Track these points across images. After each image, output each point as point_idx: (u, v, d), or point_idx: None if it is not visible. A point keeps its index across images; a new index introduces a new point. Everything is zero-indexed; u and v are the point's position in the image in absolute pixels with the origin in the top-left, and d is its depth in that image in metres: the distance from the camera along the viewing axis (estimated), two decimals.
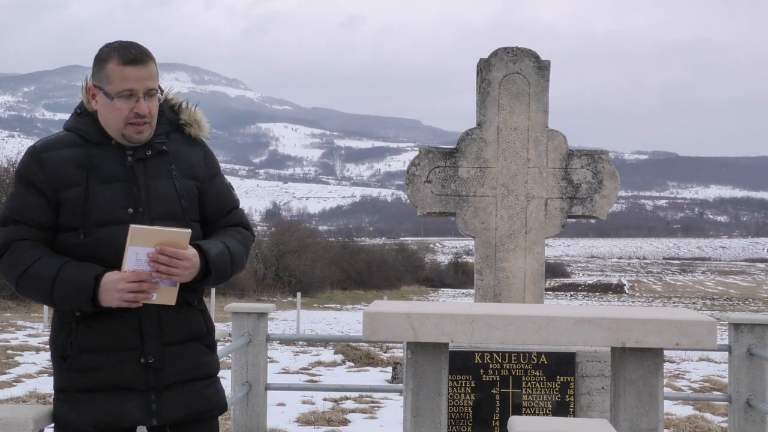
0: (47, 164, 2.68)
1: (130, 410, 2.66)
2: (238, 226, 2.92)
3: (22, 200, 2.69)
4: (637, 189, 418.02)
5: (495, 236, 5.28)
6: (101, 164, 2.69)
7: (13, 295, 26.39)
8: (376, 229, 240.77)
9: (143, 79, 2.67)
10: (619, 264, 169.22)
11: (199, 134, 2.89)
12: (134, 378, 2.66)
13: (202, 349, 2.81)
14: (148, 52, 2.72)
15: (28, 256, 2.63)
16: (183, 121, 2.86)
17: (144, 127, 2.70)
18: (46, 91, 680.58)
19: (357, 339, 6.32)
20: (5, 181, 31.07)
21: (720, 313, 39.97)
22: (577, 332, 3.32)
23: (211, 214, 2.86)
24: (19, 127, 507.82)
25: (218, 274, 2.73)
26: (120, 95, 2.66)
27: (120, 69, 2.66)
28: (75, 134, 2.75)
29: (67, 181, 2.66)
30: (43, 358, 12.59)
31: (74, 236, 2.66)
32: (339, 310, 40.93)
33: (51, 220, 2.68)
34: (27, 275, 2.62)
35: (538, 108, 5.29)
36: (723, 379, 12.63)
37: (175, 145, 2.81)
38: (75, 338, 2.67)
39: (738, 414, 5.91)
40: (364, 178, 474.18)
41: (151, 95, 2.70)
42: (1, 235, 2.68)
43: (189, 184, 2.79)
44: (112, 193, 2.67)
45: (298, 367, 13.14)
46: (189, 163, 2.82)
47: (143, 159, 2.73)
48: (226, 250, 2.77)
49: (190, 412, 2.74)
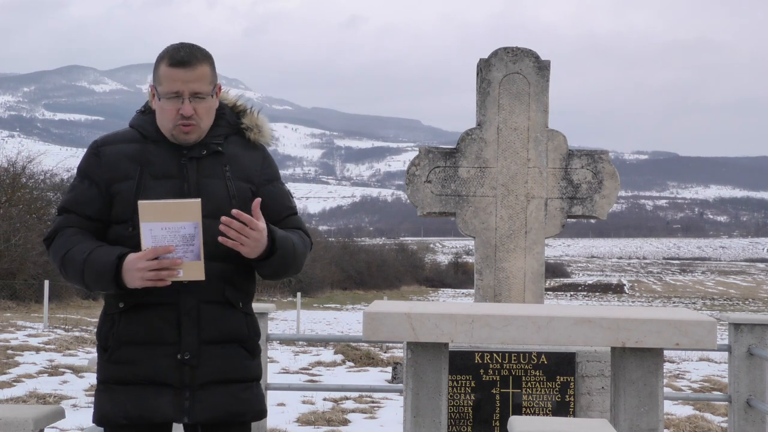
0: (104, 158, 2.77)
1: (163, 405, 2.68)
2: (297, 230, 2.91)
3: (78, 192, 2.80)
4: (637, 189, 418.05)
5: (495, 236, 5.28)
6: (155, 160, 2.76)
7: (13, 295, 26.41)
8: (376, 229, 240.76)
9: (188, 82, 2.69)
10: (619, 264, 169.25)
11: (259, 139, 2.92)
12: (169, 373, 2.69)
13: (241, 352, 2.80)
14: (200, 54, 2.74)
15: (69, 241, 2.72)
16: (244, 125, 2.90)
17: (190, 129, 2.74)
18: (46, 91, 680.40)
19: (357, 339, 6.32)
20: (5, 181, 31.06)
21: (720, 313, 39.97)
22: (577, 332, 3.32)
23: (267, 219, 2.84)
24: (19, 127, 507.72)
25: (281, 257, 2.72)
26: (166, 96, 2.71)
27: (167, 71, 2.71)
28: (135, 131, 2.83)
29: (121, 175, 2.74)
30: (43, 358, 12.60)
31: (123, 229, 2.72)
32: (339, 310, 40.94)
33: (102, 213, 2.75)
34: (66, 259, 2.70)
35: (538, 108, 5.29)
36: (723, 379, 12.63)
37: (233, 148, 2.84)
38: (116, 330, 2.73)
39: (738, 414, 5.91)
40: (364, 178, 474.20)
41: (199, 98, 2.72)
42: (54, 224, 2.81)
43: (242, 186, 2.80)
44: (163, 189, 2.72)
45: (298, 367, 13.14)
46: (245, 166, 2.84)
47: (197, 158, 2.77)
48: (290, 238, 2.77)
49: (223, 414, 2.74)
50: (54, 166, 37.58)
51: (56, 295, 26.38)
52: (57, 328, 18.72)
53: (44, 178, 34.62)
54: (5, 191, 30.64)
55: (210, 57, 2.77)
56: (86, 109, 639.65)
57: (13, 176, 31.57)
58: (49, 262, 3.10)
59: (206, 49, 2.78)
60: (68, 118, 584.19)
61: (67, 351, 13.64)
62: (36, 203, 32.62)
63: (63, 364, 11.89)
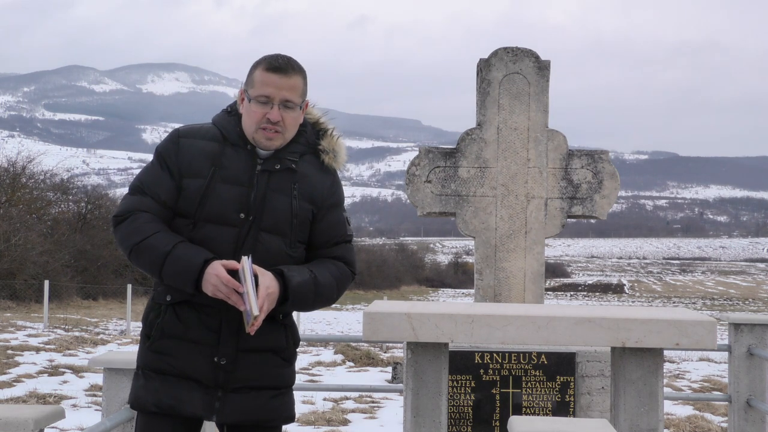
0: (183, 149, 2.80)
1: (194, 401, 2.73)
2: (340, 260, 2.92)
3: (154, 175, 2.81)
4: (637, 189, 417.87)
5: (495, 236, 5.27)
6: (229, 164, 2.78)
7: (13, 295, 26.39)
8: (376, 229, 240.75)
9: (282, 88, 2.74)
10: (619, 264, 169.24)
11: (333, 164, 2.95)
12: (204, 373, 2.74)
13: (277, 361, 2.84)
14: (297, 66, 2.80)
15: (148, 228, 2.73)
16: (322, 147, 2.93)
17: (274, 135, 2.77)
18: (46, 91, 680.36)
19: (357, 339, 6.31)
20: (5, 181, 31.06)
21: (720, 313, 39.97)
22: (577, 332, 3.32)
23: (318, 241, 2.89)
24: (19, 127, 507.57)
25: (296, 302, 2.76)
26: (257, 99, 2.75)
27: (263, 74, 2.76)
28: (217, 129, 2.85)
29: (194, 170, 2.77)
30: (43, 358, 12.60)
31: (185, 224, 2.76)
32: (339, 310, 40.93)
33: (174, 201, 2.78)
34: (143, 245, 2.71)
35: (538, 108, 5.29)
36: (723, 379, 12.63)
37: (306, 167, 2.87)
38: (161, 321, 2.77)
39: (738, 414, 5.90)
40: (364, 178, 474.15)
41: (288, 107, 2.76)
42: (127, 202, 2.80)
43: (306, 207, 2.84)
44: (230, 194, 2.75)
45: (298, 367, 13.13)
46: (313, 187, 2.87)
47: (270, 171, 2.80)
48: (312, 279, 2.79)
49: (252, 419, 2.78)
50: (54, 166, 37.60)
51: (56, 295, 26.37)
52: (57, 328, 18.72)
53: (44, 178, 34.64)
54: (5, 191, 30.63)
55: (305, 71, 2.83)
56: (86, 109, 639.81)
57: (13, 176, 31.58)
58: (117, 243, 3.05)
59: (302, 64, 2.83)
60: (68, 118, 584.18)
61: (67, 351, 13.64)
62: (36, 203, 32.63)
63: (63, 364, 11.89)
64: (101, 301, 30.79)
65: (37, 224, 31.02)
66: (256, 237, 2.75)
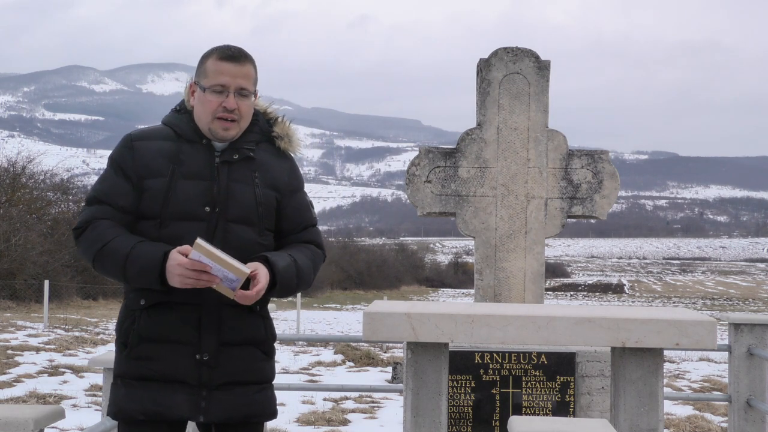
0: (138, 152, 2.79)
1: (180, 403, 2.71)
2: (310, 243, 2.96)
3: (110, 183, 2.80)
4: (637, 189, 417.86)
5: (495, 236, 5.28)
6: (188, 160, 2.79)
7: (13, 295, 26.39)
8: (376, 229, 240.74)
9: (236, 77, 2.77)
10: (619, 264, 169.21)
11: (289, 149, 2.97)
12: (187, 372, 2.72)
13: (258, 354, 2.84)
14: (248, 55, 2.84)
15: (107, 234, 2.72)
16: (275, 133, 2.95)
17: (231, 125, 2.79)
18: (46, 91, 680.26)
19: (357, 339, 6.32)
20: (5, 181, 31.04)
21: (720, 313, 39.96)
22: (577, 332, 3.32)
23: (287, 228, 2.91)
24: (19, 127, 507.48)
25: (283, 287, 2.78)
26: (212, 89, 2.77)
27: (216, 64, 2.78)
28: (170, 128, 2.86)
29: (154, 171, 2.76)
30: (43, 358, 12.60)
31: (151, 225, 2.75)
32: (339, 310, 40.93)
33: (133, 205, 2.77)
34: (104, 251, 2.71)
35: (538, 108, 5.29)
36: (723, 379, 12.64)
37: (263, 155, 2.89)
38: (137, 327, 2.75)
39: (738, 414, 5.91)
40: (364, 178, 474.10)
41: (243, 95, 2.79)
42: (85, 213, 2.80)
43: (269, 194, 2.85)
44: (193, 190, 2.76)
45: (298, 367, 13.14)
46: (273, 174, 2.89)
47: (229, 162, 2.81)
48: (294, 263, 2.81)
49: (238, 415, 2.77)
50: (54, 166, 37.58)
51: (56, 295, 26.37)
52: (57, 328, 18.71)
53: (44, 178, 34.62)
54: (5, 191, 30.61)
55: (255, 61, 2.86)
56: (86, 109, 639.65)
57: (13, 176, 31.56)
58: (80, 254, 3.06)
59: None
60: (68, 118, 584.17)
61: (67, 351, 13.64)
62: (36, 203, 32.61)
63: (63, 364, 11.90)
64: (101, 301, 30.80)
65: (37, 224, 30.99)
66: (226, 228, 2.76)
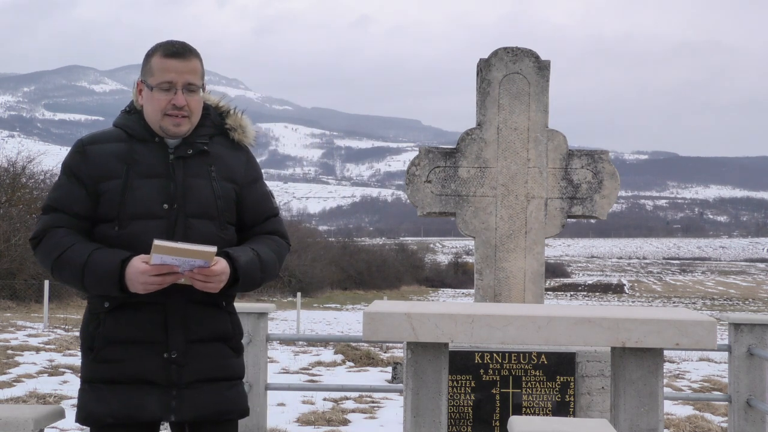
0: (91, 156, 2.77)
1: (150, 404, 2.69)
2: (274, 234, 2.94)
3: (63, 190, 2.78)
4: (637, 189, 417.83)
5: (495, 236, 5.28)
6: (142, 159, 2.77)
7: (13, 295, 26.39)
8: (376, 229, 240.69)
9: (183, 73, 2.74)
10: (619, 264, 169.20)
11: (243, 140, 2.95)
12: (156, 372, 2.70)
13: (226, 351, 2.83)
14: (193, 49, 2.81)
15: (63, 242, 2.70)
16: (228, 125, 2.93)
17: (181, 121, 2.76)
18: (46, 91, 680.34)
19: (357, 339, 6.32)
20: (5, 181, 31.04)
21: (720, 313, 39.97)
22: (577, 332, 3.32)
23: (248, 220, 2.90)
24: (19, 127, 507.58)
25: (246, 281, 2.77)
26: (159, 87, 2.74)
27: (162, 61, 2.75)
28: (121, 130, 2.83)
29: (108, 174, 2.74)
30: (43, 358, 12.59)
31: (110, 228, 2.73)
32: (339, 310, 40.93)
33: (89, 211, 2.75)
34: (60, 260, 2.69)
35: (538, 108, 5.29)
36: (723, 379, 12.63)
37: (218, 148, 2.87)
38: (102, 330, 2.72)
39: (738, 414, 5.91)
40: (364, 178, 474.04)
41: (191, 90, 2.77)
42: (41, 223, 2.78)
43: (227, 187, 2.84)
44: (149, 188, 2.73)
45: (298, 367, 13.13)
46: (229, 167, 2.87)
47: (184, 157, 2.79)
48: (256, 257, 2.80)
49: (209, 413, 2.76)
50: (54, 166, 37.49)
51: (56, 295, 26.36)
52: (57, 328, 18.71)
53: (44, 178, 34.60)
54: (5, 191, 30.61)
55: (200, 54, 2.83)
56: (86, 109, 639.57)
57: (13, 176, 31.56)
58: (39, 263, 3.07)
59: None
60: (68, 118, 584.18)
61: (67, 351, 13.63)
62: (36, 203, 32.57)
63: (63, 364, 11.89)
64: None
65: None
66: (186, 224, 2.74)
